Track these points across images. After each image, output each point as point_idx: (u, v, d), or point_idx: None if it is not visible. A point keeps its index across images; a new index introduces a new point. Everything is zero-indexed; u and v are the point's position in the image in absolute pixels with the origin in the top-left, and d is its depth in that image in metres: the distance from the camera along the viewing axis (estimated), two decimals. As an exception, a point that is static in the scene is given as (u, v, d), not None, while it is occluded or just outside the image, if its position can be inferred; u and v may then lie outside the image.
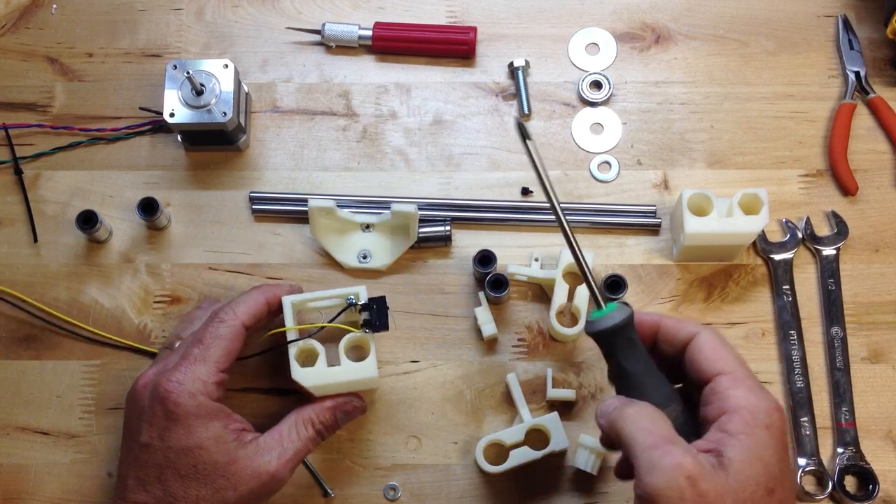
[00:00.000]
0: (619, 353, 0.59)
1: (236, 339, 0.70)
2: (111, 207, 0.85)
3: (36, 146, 0.86)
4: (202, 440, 0.66)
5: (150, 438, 0.67)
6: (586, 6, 0.90)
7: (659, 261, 0.82)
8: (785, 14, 0.89)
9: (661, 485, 0.52)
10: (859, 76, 0.86)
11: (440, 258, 0.83)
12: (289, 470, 0.68)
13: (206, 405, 0.67)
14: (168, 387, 0.66)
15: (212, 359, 0.68)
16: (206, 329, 0.70)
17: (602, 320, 0.58)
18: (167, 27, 0.90)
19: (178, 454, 0.66)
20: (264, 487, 0.67)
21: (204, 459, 0.66)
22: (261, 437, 0.69)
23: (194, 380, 0.67)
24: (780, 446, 0.56)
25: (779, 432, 0.56)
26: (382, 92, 0.88)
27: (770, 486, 0.54)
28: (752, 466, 0.53)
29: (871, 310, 0.81)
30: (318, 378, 0.71)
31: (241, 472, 0.66)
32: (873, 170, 0.84)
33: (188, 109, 0.80)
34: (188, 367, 0.67)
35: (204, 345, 0.69)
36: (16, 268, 0.83)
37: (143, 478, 0.66)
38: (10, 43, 0.90)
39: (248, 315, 0.70)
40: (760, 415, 0.56)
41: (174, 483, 0.65)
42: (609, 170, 0.85)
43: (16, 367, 0.81)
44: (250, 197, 0.84)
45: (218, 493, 0.66)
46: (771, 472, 0.54)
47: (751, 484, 0.53)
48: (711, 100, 0.87)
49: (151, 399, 0.67)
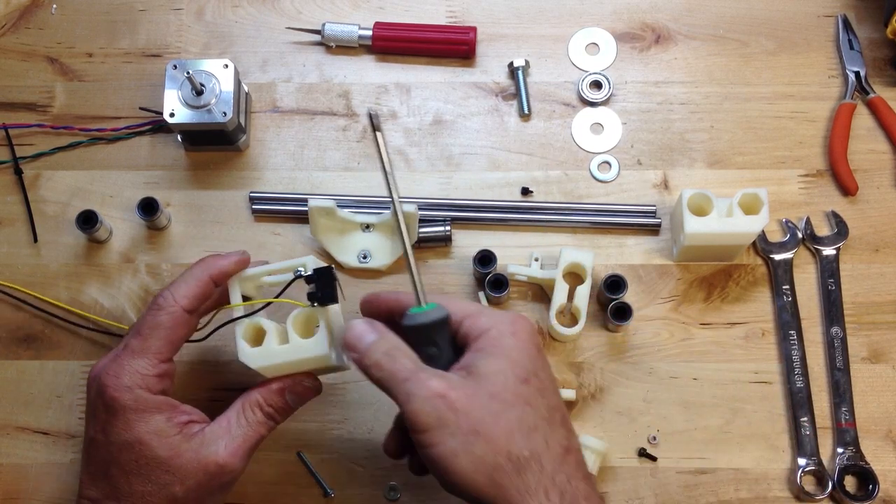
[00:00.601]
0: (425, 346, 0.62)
1: (178, 327, 0.66)
2: (111, 207, 0.85)
3: (36, 146, 0.86)
4: (142, 435, 0.63)
5: (95, 433, 0.65)
6: (586, 6, 0.90)
7: (659, 261, 0.82)
8: (785, 14, 0.89)
9: (419, 408, 0.56)
10: (859, 76, 0.86)
11: (440, 258, 0.83)
12: (239, 458, 0.65)
13: (144, 399, 0.64)
14: (105, 381, 0.64)
15: (151, 350, 0.65)
16: (144, 318, 0.66)
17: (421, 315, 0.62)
18: (167, 27, 0.90)
19: (119, 449, 0.64)
20: (213, 479, 0.64)
21: (145, 454, 0.63)
22: (207, 427, 0.65)
23: (132, 373, 0.64)
24: (529, 345, 0.60)
25: (525, 335, 0.61)
26: (382, 92, 0.88)
27: (522, 376, 0.58)
28: (498, 365, 0.58)
29: (871, 310, 0.81)
30: (265, 358, 0.66)
31: (186, 465, 0.63)
32: (873, 170, 0.84)
33: (188, 109, 0.80)
34: (125, 360, 0.65)
35: (142, 336, 0.65)
36: (16, 268, 0.83)
37: (93, 473, 0.65)
38: (10, 43, 0.90)
39: (188, 298, 0.66)
40: (504, 327, 0.60)
41: (119, 478, 0.64)
42: (609, 170, 0.85)
43: (16, 367, 0.81)
44: (250, 197, 0.84)
45: (163, 488, 0.63)
46: (520, 366, 0.59)
47: (499, 378, 0.58)
48: (711, 100, 0.87)
49: (95, 393, 0.65)
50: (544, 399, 0.59)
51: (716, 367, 0.79)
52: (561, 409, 0.60)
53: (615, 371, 0.79)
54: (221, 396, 0.78)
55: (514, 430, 0.56)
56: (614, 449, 0.77)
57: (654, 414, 0.78)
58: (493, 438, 0.56)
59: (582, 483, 0.57)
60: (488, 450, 0.55)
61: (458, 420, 0.56)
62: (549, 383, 0.60)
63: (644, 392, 0.79)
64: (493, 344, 0.59)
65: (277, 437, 0.78)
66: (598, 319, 0.81)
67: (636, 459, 0.77)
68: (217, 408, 0.71)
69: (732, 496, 0.76)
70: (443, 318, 0.61)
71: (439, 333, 0.62)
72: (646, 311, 0.81)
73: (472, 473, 0.55)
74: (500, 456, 0.55)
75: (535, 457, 0.56)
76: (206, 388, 0.79)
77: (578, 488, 0.57)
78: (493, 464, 0.55)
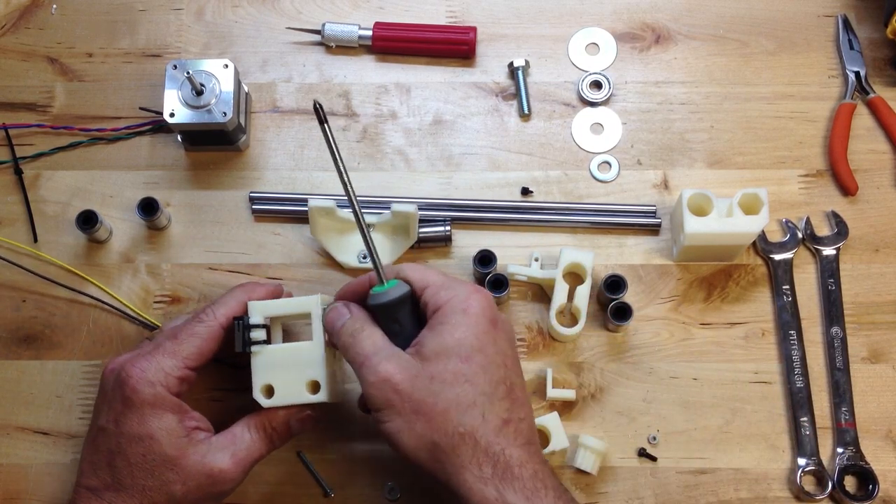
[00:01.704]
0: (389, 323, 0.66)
1: (211, 340, 0.70)
2: (111, 207, 0.85)
3: (36, 146, 0.86)
4: (153, 430, 0.66)
5: (107, 422, 0.67)
6: (586, 6, 0.90)
7: (659, 261, 0.82)
8: (785, 14, 0.89)
9: (369, 391, 0.62)
10: (859, 76, 0.86)
11: (440, 258, 0.83)
12: (240, 471, 0.68)
13: (162, 396, 0.67)
14: (130, 372, 0.67)
15: (181, 354, 0.68)
16: (183, 326, 0.70)
17: (381, 295, 0.65)
18: (167, 27, 0.90)
19: (129, 441, 0.66)
20: (214, 485, 0.67)
21: (153, 450, 0.66)
22: (213, 436, 0.69)
23: (157, 370, 0.67)
24: (480, 320, 0.63)
25: (477, 310, 0.64)
26: (382, 92, 0.88)
27: (464, 354, 0.62)
28: (442, 345, 0.62)
29: (871, 310, 0.81)
30: (276, 400, 0.70)
31: (190, 467, 0.66)
32: (873, 170, 0.84)
33: (188, 109, 0.80)
34: (155, 358, 0.68)
35: (178, 340, 0.69)
36: (16, 268, 0.83)
37: (95, 462, 0.67)
38: (10, 43, 0.90)
39: (227, 317, 0.71)
40: (456, 303, 0.64)
41: (123, 469, 0.66)
42: (609, 170, 0.85)
43: (16, 367, 0.81)
44: (250, 197, 0.84)
45: (165, 485, 0.66)
46: (465, 344, 0.62)
47: (441, 358, 0.62)
48: (711, 100, 0.87)
49: (114, 383, 0.68)
50: (486, 375, 0.62)
51: (716, 367, 0.79)
52: (506, 381, 0.63)
53: (615, 371, 0.79)
54: (221, 396, 0.79)
55: (450, 408, 0.61)
56: (614, 449, 0.77)
57: (654, 414, 0.78)
58: (432, 417, 0.61)
59: (517, 450, 0.61)
60: (427, 428, 0.61)
61: (402, 401, 0.61)
62: (496, 357, 0.63)
63: (644, 392, 0.79)
64: (442, 321, 0.63)
65: (277, 437, 0.78)
66: (598, 319, 0.81)
67: (636, 459, 0.77)
68: (217, 408, 0.71)
69: (732, 496, 0.76)
70: (401, 297, 0.65)
71: (400, 310, 0.65)
72: (646, 311, 0.81)
73: (415, 450, 0.62)
74: (437, 434, 0.61)
75: (469, 432, 0.61)
76: (207, 389, 0.79)
77: (512, 455, 0.61)
78: (432, 441, 0.61)
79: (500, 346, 0.64)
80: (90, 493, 0.66)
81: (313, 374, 0.70)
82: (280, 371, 0.70)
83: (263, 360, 0.70)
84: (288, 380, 0.70)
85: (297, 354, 0.70)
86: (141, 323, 0.81)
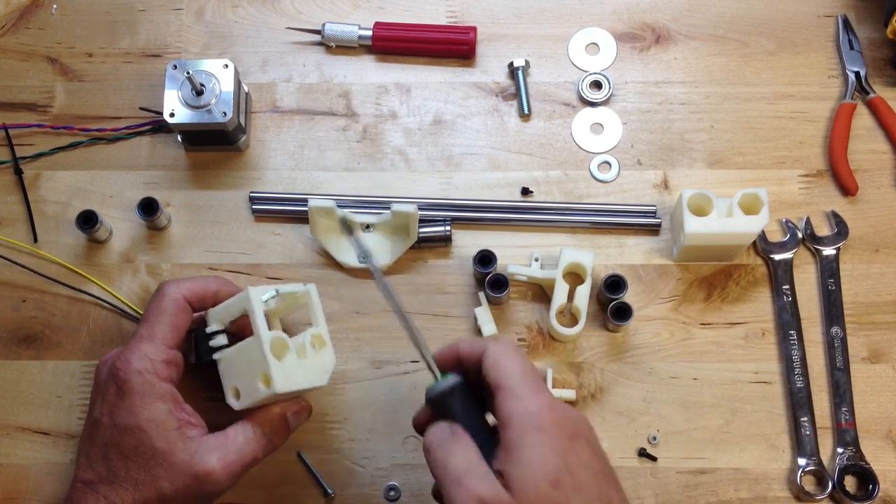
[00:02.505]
0: (449, 413, 0.61)
1: (179, 313, 0.69)
2: (111, 207, 0.85)
3: (36, 146, 0.86)
4: (143, 421, 0.65)
5: (101, 415, 0.67)
6: (586, 6, 0.90)
7: (659, 261, 0.82)
8: (785, 14, 0.89)
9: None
10: (859, 76, 0.86)
11: (440, 258, 0.83)
12: (229, 474, 0.66)
13: (152, 384, 0.66)
14: (119, 364, 0.67)
15: (158, 335, 0.68)
16: (149, 306, 0.70)
17: (437, 387, 0.62)
18: (167, 27, 0.90)
19: (122, 432, 0.65)
20: (200, 487, 0.65)
21: (144, 442, 0.65)
22: (206, 436, 0.67)
23: (141, 357, 0.67)
24: (557, 438, 0.57)
25: (551, 429, 0.57)
26: (382, 92, 0.88)
27: (552, 478, 0.56)
28: (529, 472, 0.56)
29: (871, 310, 0.81)
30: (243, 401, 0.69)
31: (177, 464, 0.65)
32: (873, 170, 0.84)
33: (188, 109, 0.80)
34: (137, 346, 0.67)
35: (149, 323, 0.68)
36: (16, 268, 0.83)
37: (91, 455, 0.67)
38: (10, 43, 0.90)
39: (191, 291, 0.70)
40: (529, 420, 0.57)
41: (117, 462, 0.65)
42: (609, 170, 0.85)
43: (16, 367, 0.81)
44: (250, 197, 0.84)
45: (155, 481, 0.65)
46: (549, 467, 0.56)
47: (531, 489, 0.55)
48: (711, 100, 0.87)
49: (106, 376, 0.68)
50: (580, 494, 0.57)
51: (716, 367, 0.79)
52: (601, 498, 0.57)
53: (615, 371, 0.79)
54: (220, 397, 0.78)
55: None
56: (614, 449, 0.77)
57: (654, 414, 0.78)
58: None
59: None
60: None
61: None
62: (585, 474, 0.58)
63: (644, 392, 0.79)
64: (518, 444, 0.57)
65: (277, 437, 0.78)
66: (598, 319, 0.81)
67: (636, 459, 0.77)
68: (215, 409, 0.71)
69: (732, 496, 0.76)
70: (451, 389, 0.61)
71: (454, 403, 0.61)
72: (646, 311, 0.81)
73: None
74: None
75: None
76: (205, 388, 0.78)
77: None
78: None
79: (585, 459, 0.58)
80: (86, 487, 0.66)
81: (262, 368, 0.68)
82: (240, 371, 0.69)
83: (225, 364, 0.70)
84: (247, 378, 0.68)
85: (249, 352, 0.69)
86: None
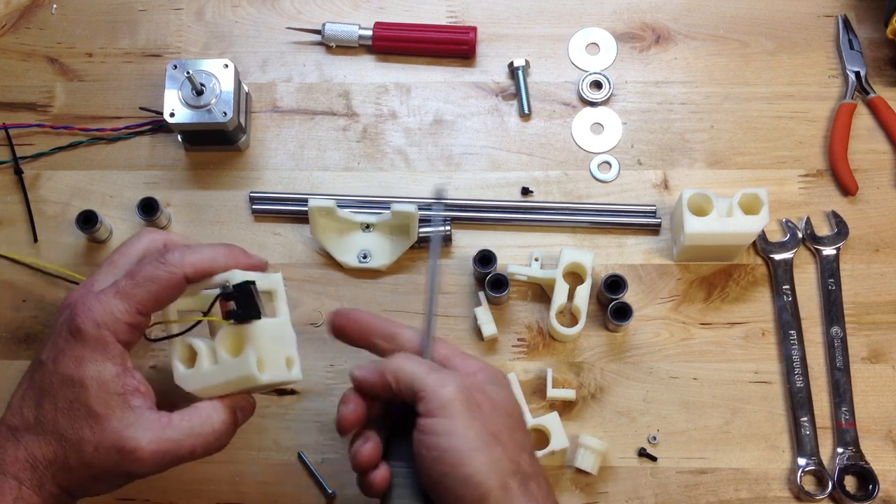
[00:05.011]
0: None
1: (171, 288, 0.62)
2: (111, 207, 0.85)
3: (36, 146, 0.86)
4: (86, 377, 0.60)
5: (46, 358, 0.61)
6: (586, 6, 0.90)
7: (659, 261, 0.82)
8: (785, 14, 0.89)
9: (454, 389, 0.60)
10: (859, 76, 0.86)
11: (440, 258, 0.83)
12: (156, 460, 0.60)
13: (105, 340, 0.60)
14: (78, 309, 0.61)
15: (136, 298, 0.61)
16: (145, 265, 0.62)
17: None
18: (167, 27, 0.90)
19: (61, 382, 0.60)
20: (121, 463, 0.59)
21: (80, 399, 0.59)
22: (147, 410, 0.61)
23: (106, 312, 0.60)
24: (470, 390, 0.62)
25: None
26: (382, 92, 0.88)
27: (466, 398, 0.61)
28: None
29: (871, 310, 0.81)
30: (198, 380, 0.63)
31: (107, 431, 0.59)
32: (873, 170, 0.84)
33: (188, 109, 0.80)
34: (106, 298, 0.61)
35: (135, 281, 0.61)
36: (16, 268, 0.83)
37: (25, 397, 0.61)
38: (10, 43, 0.90)
39: (195, 268, 0.62)
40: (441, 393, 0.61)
41: (48, 411, 0.60)
42: (609, 170, 0.85)
43: (16, 367, 0.81)
44: (250, 197, 0.84)
45: (80, 442, 0.59)
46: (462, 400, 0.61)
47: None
48: (711, 100, 0.87)
49: (64, 318, 0.62)
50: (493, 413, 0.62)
51: (716, 367, 0.79)
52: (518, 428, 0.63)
53: (615, 371, 0.79)
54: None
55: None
56: (614, 449, 0.77)
57: (654, 414, 0.78)
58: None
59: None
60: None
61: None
62: (494, 407, 0.63)
63: (644, 392, 0.79)
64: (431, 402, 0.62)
65: (278, 437, 0.78)
66: (598, 319, 0.81)
67: (636, 459, 0.77)
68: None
69: (732, 496, 0.76)
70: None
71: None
72: (646, 311, 0.81)
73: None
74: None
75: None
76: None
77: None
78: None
79: (492, 398, 0.63)
80: (9, 433, 0.61)
81: (287, 352, 0.65)
82: (268, 345, 0.63)
83: (256, 331, 0.62)
84: (273, 355, 0.64)
85: (275, 330, 0.64)
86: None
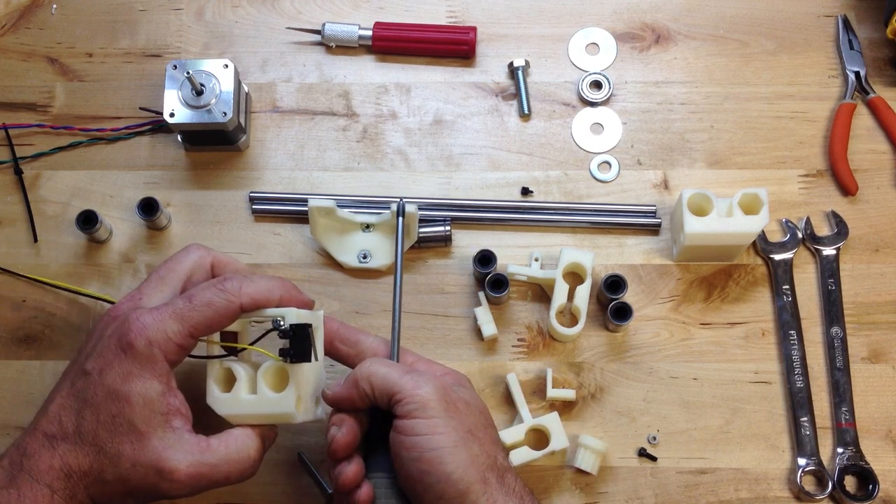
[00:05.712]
0: None
1: (227, 316, 0.64)
2: (111, 207, 0.85)
3: (36, 146, 0.86)
4: (132, 393, 0.61)
5: (92, 368, 0.62)
6: (586, 6, 0.90)
7: (659, 261, 0.82)
8: (785, 14, 0.89)
9: (431, 390, 0.63)
10: (859, 76, 0.86)
11: (440, 258, 0.83)
12: (190, 483, 0.62)
13: (155, 358, 0.62)
14: (131, 325, 0.62)
15: (191, 321, 0.63)
16: (204, 290, 0.64)
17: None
18: (167, 27, 0.90)
19: (106, 395, 0.61)
20: (158, 483, 0.61)
21: (124, 414, 0.61)
22: (188, 433, 0.63)
23: (159, 330, 0.62)
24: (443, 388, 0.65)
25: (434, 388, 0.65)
26: (382, 92, 0.88)
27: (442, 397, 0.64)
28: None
29: (871, 310, 0.81)
30: (233, 407, 0.65)
31: (147, 450, 0.61)
32: (873, 170, 0.84)
33: (188, 109, 0.80)
34: (161, 316, 0.62)
35: (192, 305, 0.63)
36: (16, 268, 0.83)
37: (66, 405, 0.62)
38: (10, 43, 0.90)
39: (251, 299, 0.64)
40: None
41: (90, 423, 0.61)
42: (609, 170, 0.85)
43: (16, 367, 0.81)
44: (250, 197, 0.84)
45: (118, 457, 0.61)
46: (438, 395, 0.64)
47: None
48: (711, 100, 0.87)
49: (113, 330, 0.63)
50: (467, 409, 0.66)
51: (716, 367, 0.79)
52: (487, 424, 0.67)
53: (615, 371, 0.79)
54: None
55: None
56: (614, 449, 0.77)
57: (654, 414, 0.78)
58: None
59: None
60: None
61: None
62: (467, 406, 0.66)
63: (644, 392, 0.79)
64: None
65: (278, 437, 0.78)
66: (598, 319, 0.81)
67: (636, 459, 0.77)
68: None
69: (732, 496, 0.76)
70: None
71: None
72: (646, 311, 0.81)
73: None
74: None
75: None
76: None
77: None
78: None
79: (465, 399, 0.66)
80: (45, 440, 0.61)
81: (319, 391, 0.67)
82: (306, 386, 0.67)
83: (300, 371, 0.65)
84: (308, 394, 0.67)
85: (318, 371, 0.68)
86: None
